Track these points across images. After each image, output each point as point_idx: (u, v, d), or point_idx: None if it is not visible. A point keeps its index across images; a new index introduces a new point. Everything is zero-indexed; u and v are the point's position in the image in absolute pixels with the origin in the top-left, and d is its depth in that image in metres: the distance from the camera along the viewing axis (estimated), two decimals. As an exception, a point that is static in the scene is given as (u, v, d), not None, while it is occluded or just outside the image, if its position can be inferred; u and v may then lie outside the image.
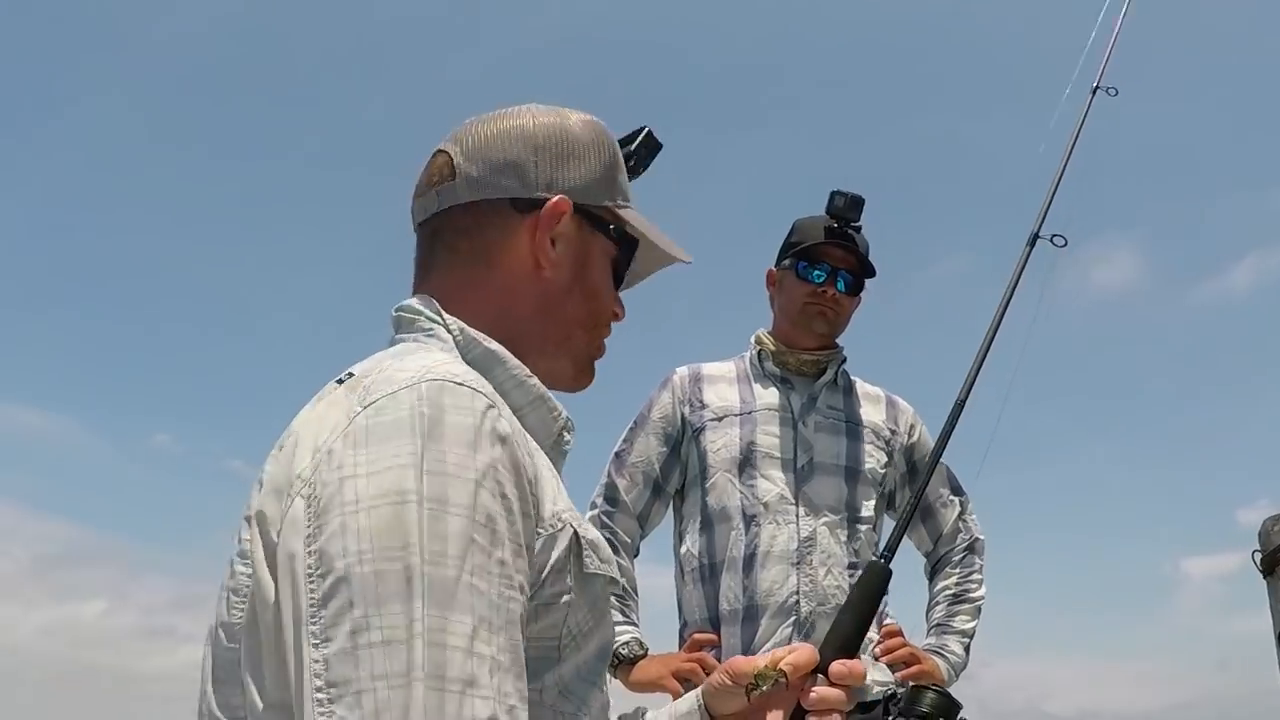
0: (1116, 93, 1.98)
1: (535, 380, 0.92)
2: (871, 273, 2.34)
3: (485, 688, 0.67)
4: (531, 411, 0.91)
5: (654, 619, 2.32)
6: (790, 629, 2.11)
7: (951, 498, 2.40)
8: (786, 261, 2.35)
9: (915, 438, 2.40)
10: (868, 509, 2.26)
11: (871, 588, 1.15)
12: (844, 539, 2.19)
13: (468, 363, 0.89)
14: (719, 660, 2.10)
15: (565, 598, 0.81)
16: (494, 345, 0.92)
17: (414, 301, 0.96)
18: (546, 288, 0.97)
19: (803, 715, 0.97)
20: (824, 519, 2.19)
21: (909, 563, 2.41)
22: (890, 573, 1.18)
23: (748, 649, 2.10)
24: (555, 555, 0.80)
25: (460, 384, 0.77)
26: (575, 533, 0.82)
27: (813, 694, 0.97)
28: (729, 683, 0.98)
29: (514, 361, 0.92)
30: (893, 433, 2.36)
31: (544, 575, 0.79)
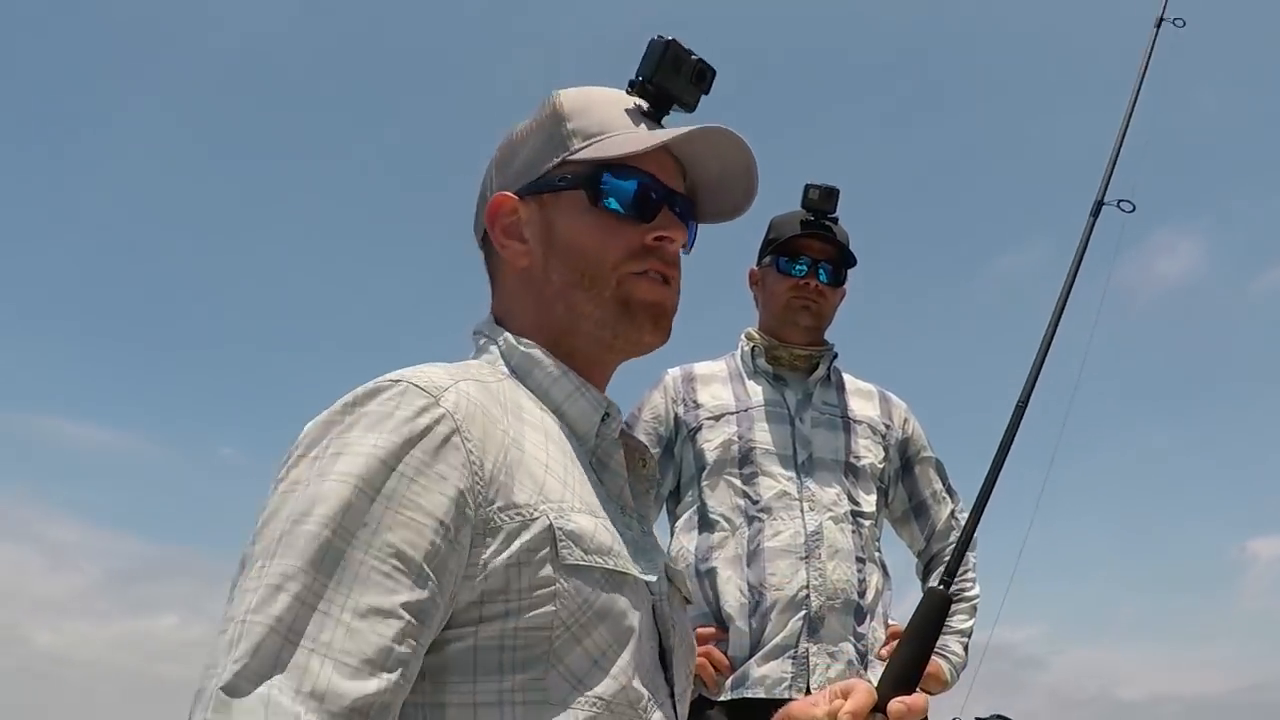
0: (1184, 24, 1.76)
1: (571, 375, 0.97)
2: (852, 262, 2.32)
3: (300, 632, 0.71)
4: (572, 405, 0.97)
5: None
6: (800, 622, 2.08)
7: (944, 495, 2.38)
8: (767, 259, 2.36)
9: (909, 432, 2.39)
10: (869, 504, 2.24)
11: (933, 617, 1.08)
12: (849, 532, 2.17)
13: (511, 369, 0.97)
14: (725, 654, 2.07)
15: (550, 588, 0.82)
16: (531, 349, 0.98)
17: (481, 323, 1.06)
18: (530, 276, 1.02)
19: None
20: (828, 514, 2.17)
21: (901, 562, 2.40)
22: (951, 599, 1.12)
23: (756, 644, 2.07)
24: (520, 544, 0.81)
25: (396, 381, 0.84)
26: (550, 524, 0.83)
27: None
28: None
29: (548, 361, 0.97)
30: (887, 428, 2.35)
31: (510, 564, 0.81)
